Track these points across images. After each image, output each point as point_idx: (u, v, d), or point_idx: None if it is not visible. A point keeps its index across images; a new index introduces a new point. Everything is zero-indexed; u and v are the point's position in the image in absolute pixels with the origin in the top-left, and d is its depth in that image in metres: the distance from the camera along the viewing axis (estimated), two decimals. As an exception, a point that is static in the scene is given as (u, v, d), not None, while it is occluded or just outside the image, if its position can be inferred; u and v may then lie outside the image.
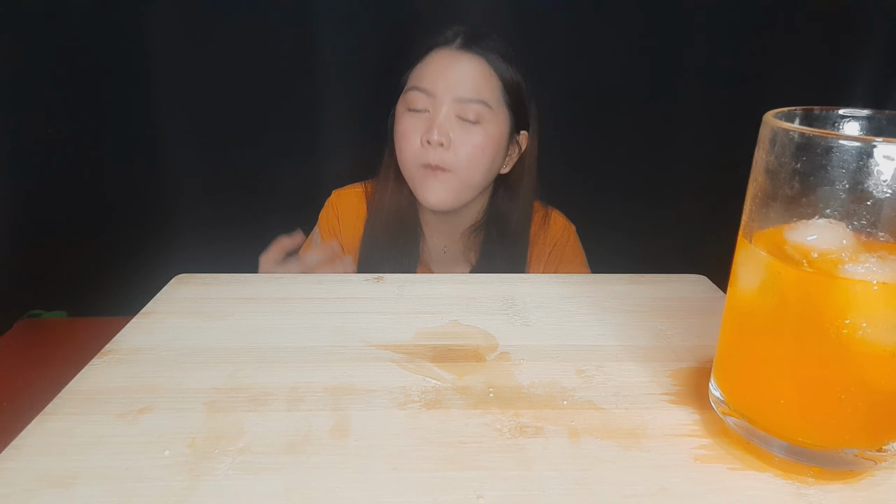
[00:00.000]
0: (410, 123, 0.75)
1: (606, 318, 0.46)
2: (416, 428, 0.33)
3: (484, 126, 0.75)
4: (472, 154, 0.75)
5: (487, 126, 0.75)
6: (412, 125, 0.75)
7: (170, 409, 0.34)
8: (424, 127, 0.74)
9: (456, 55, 0.75)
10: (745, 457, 0.31)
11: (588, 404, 0.35)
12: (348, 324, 0.45)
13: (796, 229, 0.28)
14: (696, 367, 0.40)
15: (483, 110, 0.74)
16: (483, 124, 0.75)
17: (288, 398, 0.36)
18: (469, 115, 0.74)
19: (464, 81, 0.74)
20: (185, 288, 0.51)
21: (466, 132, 0.74)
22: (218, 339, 0.42)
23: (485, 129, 0.75)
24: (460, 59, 0.74)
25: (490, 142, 0.76)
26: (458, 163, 0.74)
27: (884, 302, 0.26)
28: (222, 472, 0.30)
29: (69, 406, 0.35)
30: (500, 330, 0.44)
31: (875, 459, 0.29)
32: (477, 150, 0.75)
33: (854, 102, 1.10)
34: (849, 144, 0.25)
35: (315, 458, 0.31)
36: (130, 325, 0.44)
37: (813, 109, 0.31)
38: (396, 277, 0.54)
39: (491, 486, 0.29)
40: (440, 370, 0.39)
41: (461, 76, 0.74)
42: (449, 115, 0.74)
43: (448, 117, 0.74)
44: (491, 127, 0.75)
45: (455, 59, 0.74)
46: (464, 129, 0.74)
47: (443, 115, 0.73)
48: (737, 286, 0.31)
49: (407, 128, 0.76)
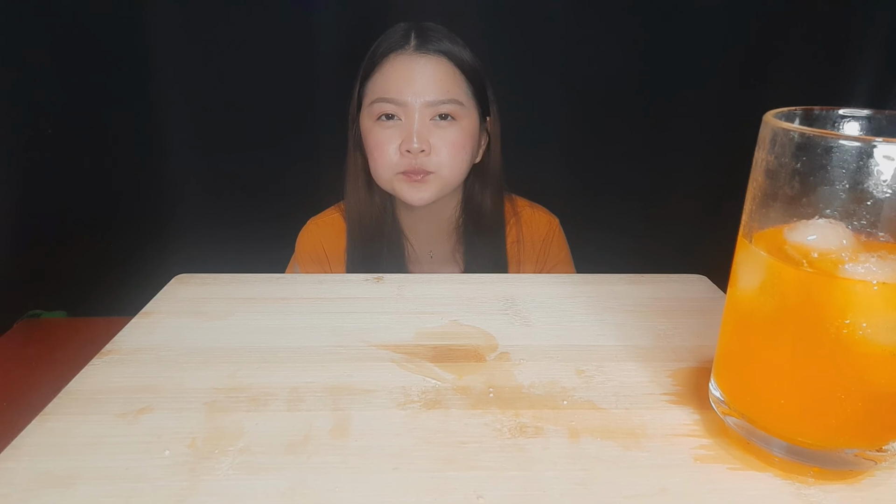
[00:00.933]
0: (383, 135, 0.74)
1: (606, 318, 0.46)
2: (416, 428, 0.33)
3: (459, 123, 0.75)
4: (452, 153, 0.75)
5: (462, 122, 0.75)
6: (385, 136, 0.74)
7: (170, 409, 0.34)
8: (400, 136, 0.73)
9: (415, 58, 0.73)
10: (745, 457, 0.31)
11: (588, 404, 0.35)
12: (348, 324, 0.45)
13: (796, 229, 0.28)
14: (696, 367, 0.40)
15: (456, 108, 0.74)
16: (458, 121, 0.75)
17: (288, 398, 0.36)
18: (443, 116, 0.74)
19: (432, 84, 0.72)
20: (185, 288, 0.51)
21: (443, 133, 0.74)
22: (218, 339, 0.42)
23: (460, 125, 0.75)
24: (420, 61, 0.73)
25: (467, 137, 0.76)
26: (441, 164, 0.74)
27: (884, 302, 0.26)
28: (222, 472, 0.30)
29: (69, 406, 0.35)
30: (500, 330, 0.44)
31: (875, 459, 0.29)
32: (456, 149, 0.75)
33: (854, 102, 1.10)
34: (849, 144, 0.25)
35: (315, 458, 0.31)
36: (130, 325, 0.44)
37: (813, 109, 0.31)
38: (396, 277, 0.54)
39: (491, 486, 0.29)
40: (440, 370, 0.39)
41: (427, 79, 0.72)
42: (423, 121, 0.73)
43: (423, 122, 0.73)
44: (465, 122, 0.75)
45: (416, 63, 0.73)
46: (440, 130, 0.74)
47: (418, 122, 0.73)
48: (737, 286, 0.31)
49: (380, 140, 0.74)
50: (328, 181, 0.90)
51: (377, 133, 0.75)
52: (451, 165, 0.75)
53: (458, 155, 0.75)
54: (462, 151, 0.76)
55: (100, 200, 1.24)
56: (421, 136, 0.72)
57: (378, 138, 0.75)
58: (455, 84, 0.74)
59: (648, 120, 1.22)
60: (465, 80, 0.75)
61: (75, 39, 1.12)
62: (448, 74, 0.74)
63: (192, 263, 0.56)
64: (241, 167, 1.22)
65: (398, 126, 0.74)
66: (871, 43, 1.15)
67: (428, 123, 0.73)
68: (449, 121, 0.74)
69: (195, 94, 1.17)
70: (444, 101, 0.73)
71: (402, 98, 0.72)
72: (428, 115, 0.73)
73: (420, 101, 0.72)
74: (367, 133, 0.76)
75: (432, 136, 0.74)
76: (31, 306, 1.32)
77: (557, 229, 0.89)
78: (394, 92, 0.73)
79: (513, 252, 0.85)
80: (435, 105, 0.73)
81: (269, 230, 1.03)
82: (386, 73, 0.74)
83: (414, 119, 0.73)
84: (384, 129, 0.74)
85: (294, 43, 1.13)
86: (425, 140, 0.73)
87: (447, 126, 0.74)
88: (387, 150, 0.74)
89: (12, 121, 1.15)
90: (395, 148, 0.74)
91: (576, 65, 1.17)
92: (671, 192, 1.28)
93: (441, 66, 0.74)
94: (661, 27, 1.16)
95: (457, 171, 0.77)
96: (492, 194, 0.83)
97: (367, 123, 0.76)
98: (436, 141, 0.74)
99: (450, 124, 0.74)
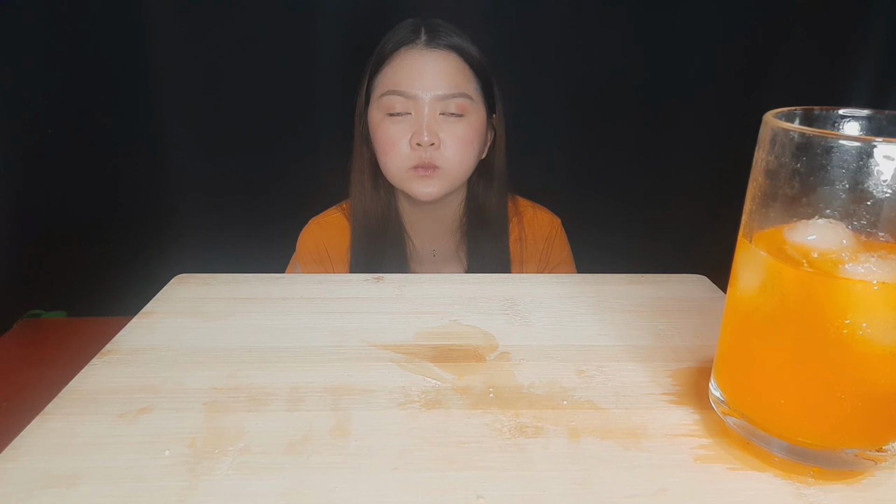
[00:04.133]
0: (394, 128, 0.74)
1: (606, 318, 0.46)
2: (416, 428, 0.33)
3: (467, 118, 0.75)
4: (460, 148, 0.75)
5: (470, 117, 0.75)
6: (396, 130, 0.74)
7: (170, 409, 0.34)
8: (410, 130, 0.74)
9: (426, 53, 0.73)
10: (745, 457, 0.31)
11: (588, 404, 0.35)
12: (348, 324, 0.45)
13: (796, 229, 0.28)
14: (696, 367, 0.40)
15: (465, 103, 0.75)
16: (466, 116, 0.75)
17: (288, 398, 0.36)
18: (452, 110, 0.74)
19: (442, 78, 0.73)
20: (185, 288, 0.51)
21: (451, 128, 0.74)
22: (218, 339, 0.42)
23: (468, 120, 0.75)
24: (431, 56, 0.73)
25: (475, 133, 0.76)
26: (449, 159, 0.75)
27: (884, 302, 0.26)
28: (222, 472, 0.30)
29: (69, 406, 0.35)
30: (500, 330, 0.44)
31: (875, 459, 0.29)
32: (465, 144, 0.75)
33: (854, 102, 1.10)
34: (849, 144, 0.25)
35: (315, 458, 0.31)
36: (130, 325, 0.44)
37: (813, 109, 0.31)
38: (396, 277, 0.54)
39: (491, 486, 0.29)
40: (440, 370, 0.39)
41: (438, 73, 0.73)
42: (433, 115, 0.74)
43: (433, 116, 0.73)
44: (473, 118, 0.76)
45: (426, 57, 0.73)
46: (448, 125, 0.74)
47: (428, 116, 0.73)
48: (737, 286, 0.31)
49: (391, 133, 0.75)
50: (329, 181, 0.90)
51: (387, 127, 0.75)
52: (459, 161, 0.76)
53: (466, 150, 0.76)
54: (470, 147, 0.76)
55: (100, 200, 1.24)
56: (431, 130, 0.73)
57: (388, 132, 0.75)
58: (464, 78, 0.75)
59: (648, 120, 1.22)
60: (473, 75, 0.76)
61: (75, 39, 1.12)
62: (458, 69, 0.74)
63: (192, 263, 0.56)
64: (242, 167, 1.22)
65: (408, 120, 0.74)
66: (871, 43, 1.15)
67: (437, 118, 0.74)
68: (458, 117, 0.74)
69: (195, 94, 1.17)
70: (454, 94, 0.73)
71: (413, 91, 0.73)
72: (438, 110, 0.74)
73: (430, 94, 0.73)
74: (377, 127, 0.76)
75: (441, 131, 0.74)
76: (31, 306, 1.31)
77: (559, 229, 0.89)
78: (404, 85, 0.73)
79: (515, 250, 0.85)
80: (445, 99, 0.73)
81: (269, 230, 1.03)
82: (396, 67, 0.74)
83: (424, 113, 0.73)
84: (394, 123, 0.75)
85: (294, 43, 1.13)
86: (435, 134, 0.73)
87: (455, 122, 0.74)
88: (398, 145, 0.74)
89: (12, 121, 1.15)
90: (405, 142, 0.74)
91: (575, 65, 1.17)
92: (671, 192, 1.28)
93: (451, 61, 0.74)
94: (661, 28, 1.16)
95: (464, 167, 0.77)
96: (496, 192, 0.83)
97: (376, 117, 0.76)
98: (444, 136, 0.74)
99: (458, 120, 0.75)
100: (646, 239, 1.25)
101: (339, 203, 0.87)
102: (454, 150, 0.75)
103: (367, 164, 0.80)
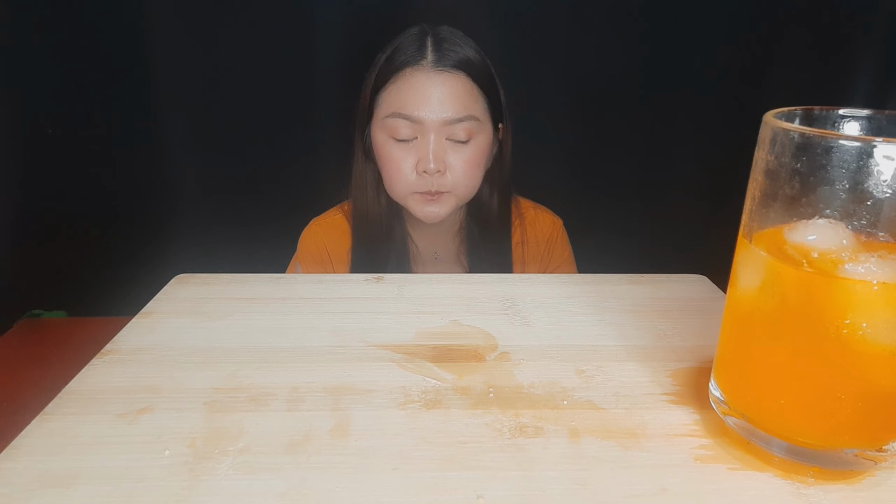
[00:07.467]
0: (399, 153, 0.73)
1: (606, 318, 0.46)
2: (416, 428, 0.33)
3: (475, 140, 0.74)
4: (468, 171, 0.74)
5: (478, 139, 0.74)
6: (401, 155, 0.73)
7: (170, 409, 0.34)
8: (416, 154, 0.72)
9: (433, 75, 0.71)
10: (745, 457, 0.31)
11: (588, 404, 0.35)
12: (348, 324, 0.45)
13: (796, 229, 0.28)
14: (696, 367, 0.40)
15: (473, 125, 0.73)
16: (474, 138, 0.73)
17: (288, 398, 0.36)
18: (460, 134, 0.72)
19: (449, 102, 0.71)
20: (185, 288, 0.51)
21: (458, 151, 0.73)
22: (218, 339, 0.42)
23: (475, 142, 0.74)
24: (438, 79, 0.71)
25: (482, 155, 0.75)
26: (456, 182, 0.74)
27: (884, 302, 0.26)
28: (222, 472, 0.30)
29: (69, 406, 0.35)
30: (500, 330, 0.44)
31: (875, 459, 0.29)
32: (472, 166, 0.74)
33: (854, 102, 1.10)
34: (849, 144, 0.25)
35: (315, 458, 0.31)
36: (130, 325, 0.44)
37: (813, 109, 0.31)
38: (396, 277, 0.54)
39: (491, 486, 0.29)
40: (440, 370, 0.39)
41: (446, 98, 0.71)
42: (439, 140, 0.72)
43: (439, 142, 0.72)
44: (480, 138, 0.74)
45: (433, 80, 0.71)
46: (455, 148, 0.73)
47: (434, 142, 0.71)
48: (737, 286, 0.31)
49: (396, 158, 0.73)
50: (329, 181, 0.90)
51: (392, 150, 0.73)
52: (466, 184, 0.75)
53: (474, 173, 0.75)
54: (477, 169, 0.75)
55: (100, 200, 1.24)
56: (437, 156, 0.71)
57: (394, 156, 0.73)
58: (472, 100, 0.73)
59: (648, 120, 1.22)
60: (481, 94, 0.74)
61: (75, 39, 1.11)
62: (466, 90, 0.72)
63: (192, 263, 0.56)
64: (242, 167, 1.22)
65: (414, 145, 0.72)
66: (871, 43, 1.15)
67: (444, 142, 0.72)
68: (464, 143, 0.73)
69: (195, 93, 1.16)
70: (462, 118, 0.72)
71: (419, 116, 0.71)
72: (444, 135, 0.72)
73: (437, 119, 0.71)
74: (381, 148, 0.75)
75: (448, 156, 0.73)
76: (31, 306, 1.31)
77: (561, 230, 0.89)
78: (410, 108, 0.71)
79: (517, 253, 0.85)
80: (452, 124, 0.71)
81: (270, 230, 1.03)
82: (402, 89, 0.72)
83: (430, 139, 0.71)
84: (399, 148, 0.73)
85: (295, 42, 1.13)
86: (441, 160, 0.72)
87: (463, 144, 0.73)
88: (402, 169, 0.73)
89: (12, 121, 1.15)
90: (410, 166, 0.73)
91: (576, 65, 1.16)
92: (671, 192, 1.28)
93: (459, 83, 0.72)
94: (661, 28, 1.16)
95: (471, 189, 0.76)
96: (499, 198, 0.82)
97: (380, 138, 0.75)
98: (452, 160, 0.73)
99: (466, 142, 0.73)
100: (646, 239, 1.25)
101: (340, 204, 0.87)
102: (461, 174, 0.73)
103: (369, 175, 0.79)
